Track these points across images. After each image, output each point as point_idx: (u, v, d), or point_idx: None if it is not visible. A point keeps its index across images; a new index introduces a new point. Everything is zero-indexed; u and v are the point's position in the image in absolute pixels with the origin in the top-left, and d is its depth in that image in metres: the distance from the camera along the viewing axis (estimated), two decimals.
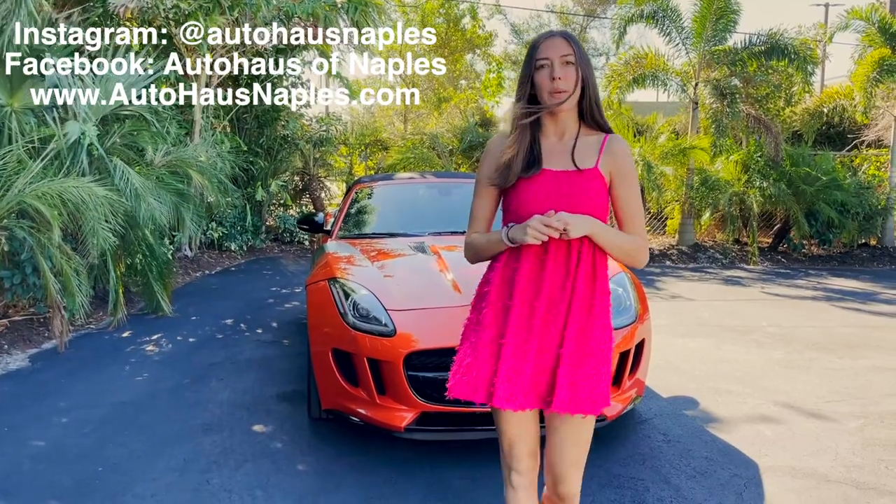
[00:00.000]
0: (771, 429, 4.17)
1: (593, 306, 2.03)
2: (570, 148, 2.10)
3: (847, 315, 7.97)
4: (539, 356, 2.01)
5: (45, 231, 5.51)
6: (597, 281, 2.05)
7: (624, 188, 2.11)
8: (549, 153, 2.10)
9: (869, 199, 13.45)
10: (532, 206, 2.03)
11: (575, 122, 2.13)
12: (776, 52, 13.30)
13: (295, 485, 3.34)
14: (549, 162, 2.09)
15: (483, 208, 2.24)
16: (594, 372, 2.01)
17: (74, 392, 4.68)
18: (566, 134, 2.13)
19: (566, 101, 2.04)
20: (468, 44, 20.94)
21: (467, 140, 14.96)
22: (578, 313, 2.01)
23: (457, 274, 3.86)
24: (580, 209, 2.00)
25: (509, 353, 2.01)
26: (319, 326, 3.85)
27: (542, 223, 1.92)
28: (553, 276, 2.01)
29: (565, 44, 2.05)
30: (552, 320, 2.01)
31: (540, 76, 2.05)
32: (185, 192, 7.16)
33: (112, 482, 3.35)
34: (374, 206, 5.77)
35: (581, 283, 2.01)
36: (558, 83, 2.02)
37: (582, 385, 2.00)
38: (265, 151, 12.52)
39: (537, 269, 2.03)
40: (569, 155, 2.08)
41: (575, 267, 2.01)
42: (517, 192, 2.09)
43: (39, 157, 5.96)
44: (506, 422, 2.14)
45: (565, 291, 2.01)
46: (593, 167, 2.07)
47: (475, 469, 3.51)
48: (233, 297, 8.18)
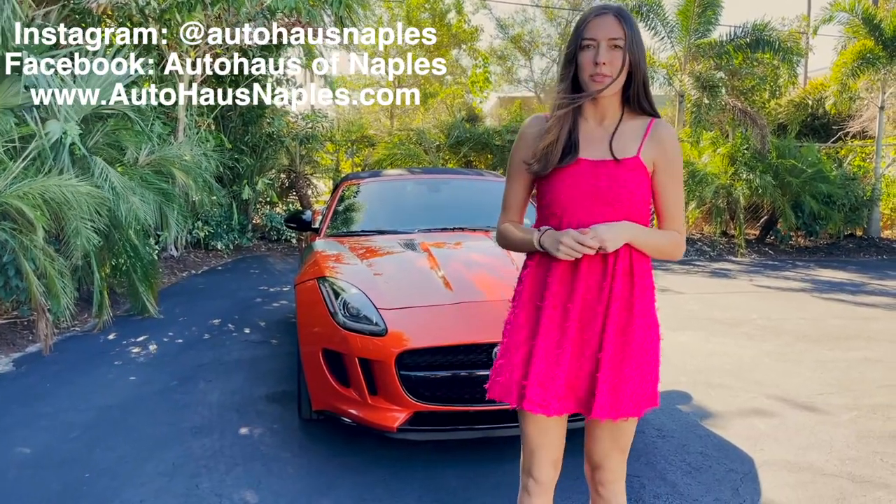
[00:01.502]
0: (765, 422, 4.16)
1: (633, 305, 1.90)
2: (610, 135, 1.94)
3: (836, 306, 8.00)
4: (575, 360, 1.91)
5: (28, 232, 5.41)
6: (636, 277, 1.91)
7: (667, 179, 1.96)
8: (587, 140, 1.95)
9: (855, 190, 13.55)
10: (567, 203, 1.91)
11: (618, 106, 1.97)
12: (761, 44, 13.37)
13: (287, 487, 3.29)
14: (586, 150, 1.93)
15: (516, 196, 2.12)
16: (636, 373, 1.90)
17: (60, 396, 4.60)
18: (607, 118, 1.96)
19: (607, 88, 1.88)
20: (454, 39, 20.87)
21: (454, 135, 14.92)
22: (618, 314, 1.89)
23: (447, 271, 3.82)
24: (618, 204, 1.88)
25: (540, 356, 1.90)
26: (309, 326, 3.80)
27: (577, 240, 1.80)
28: (588, 276, 1.89)
29: (616, 24, 1.86)
30: (589, 323, 1.90)
31: (583, 57, 1.88)
32: (169, 192, 7.07)
33: (100, 488, 3.28)
34: (362, 204, 5.72)
35: (619, 281, 1.89)
36: (601, 68, 1.85)
37: (623, 388, 1.89)
38: (250, 149, 12.42)
39: (571, 270, 1.91)
40: (608, 143, 1.93)
41: (612, 266, 1.89)
42: (551, 183, 1.95)
43: (20, 156, 5.85)
44: (532, 426, 2.02)
45: (603, 292, 1.88)
46: (634, 156, 1.92)
47: (470, 468, 3.48)
48: (220, 297, 8.09)
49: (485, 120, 19.05)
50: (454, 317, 3.46)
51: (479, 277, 3.80)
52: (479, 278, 3.79)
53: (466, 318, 3.43)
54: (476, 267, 4.00)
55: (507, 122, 16.51)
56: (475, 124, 16.15)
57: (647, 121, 1.97)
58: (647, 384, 1.93)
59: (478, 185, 6.15)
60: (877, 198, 14.21)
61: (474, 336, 3.33)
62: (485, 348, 3.31)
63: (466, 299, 3.55)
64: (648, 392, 1.93)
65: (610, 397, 1.88)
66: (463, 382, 3.32)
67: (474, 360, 3.31)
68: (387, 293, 3.65)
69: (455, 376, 3.32)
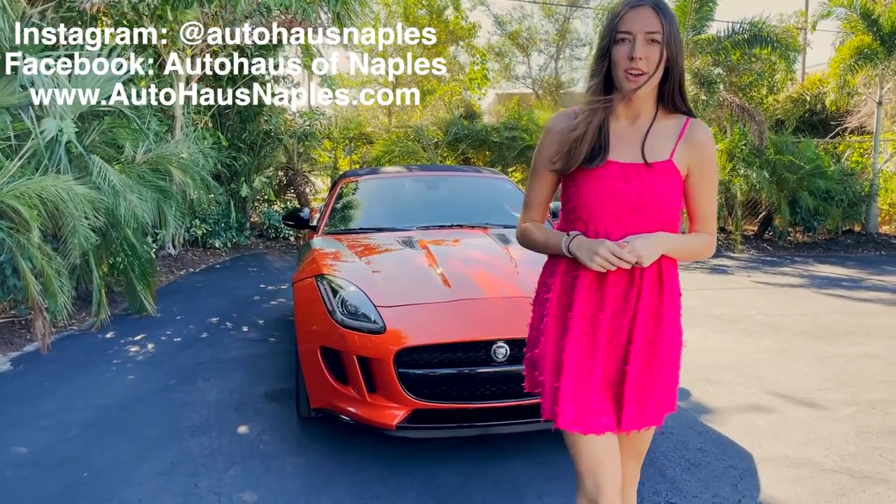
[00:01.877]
0: (763, 418, 4.16)
1: (662, 315, 1.82)
2: (643, 135, 1.83)
3: (834, 302, 8.00)
4: (605, 373, 1.83)
5: (25, 231, 5.39)
6: (664, 286, 1.83)
7: (702, 182, 1.86)
8: (617, 140, 1.83)
9: (853, 185, 13.56)
10: (594, 207, 1.81)
11: (652, 105, 1.85)
12: (759, 40, 13.35)
13: (285, 486, 3.28)
14: (616, 151, 1.82)
15: (539, 194, 2.01)
16: (662, 384, 1.84)
17: (58, 395, 4.59)
18: (640, 118, 1.85)
19: (643, 87, 1.76)
20: (451, 35, 20.83)
21: (452, 132, 14.91)
22: (645, 325, 1.81)
23: (446, 268, 3.81)
24: (648, 211, 1.78)
25: (571, 369, 1.80)
26: (307, 324, 3.79)
27: (613, 254, 1.71)
28: (616, 285, 1.81)
29: (653, 17, 1.74)
30: (616, 333, 1.81)
31: (618, 52, 1.76)
32: (166, 190, 7.05)
33: (98, 487, 3.27)
34: (360, 201, 5.70)
35: (647, 291, 1.80)
36: (637, 63, 1.73)
37: (650, 398, 1.83)
38: (248, 147, 12.40)
39: (599, 278, 1.82)
40: (640, 144, 1.82)
41: (640, 275, 1.80)
42: (577, 185, 1.85)
43: (16, 155, 5.83)
44: (583, 446, 1.84)
45: (629, 301, 1.80)
46: (667, 159, 1.81)
47: (468, 465, 3.47)
48: (218, 295, 8.08)
49: (483, 117, 19.01)
50: (453, 314, 3.45)
51: (477, 274, 3.79)
52: (477, 275, 3.78)
53: (465, 316, 3.43)
54: (474, 264, 3.99)
55: (505, 118, 16.48)
56: (473, 121, 16.13)
57: (681, 120, 1.87)
58: (670, 391, 1.88)
59: (476, 183, 6.15)
60: (875, 193, 14.22)
61: (473, 333, 3.32)
62: (483, 345, 3.30)
63: (465, 296, 3.54)
64: (670, 398, 1.89)
65: (636, 409, 1.83)
66: (462, 380, 3.31)
67: (473, 357, 3.30)
68: (385, 291, 3.64)
69: (454, 374, 3.31)
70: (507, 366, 3.30)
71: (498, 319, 3.41)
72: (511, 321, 3.40)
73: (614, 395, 1.84)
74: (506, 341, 3.29)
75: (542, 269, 2.03)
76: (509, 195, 5.69)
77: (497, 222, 5.05)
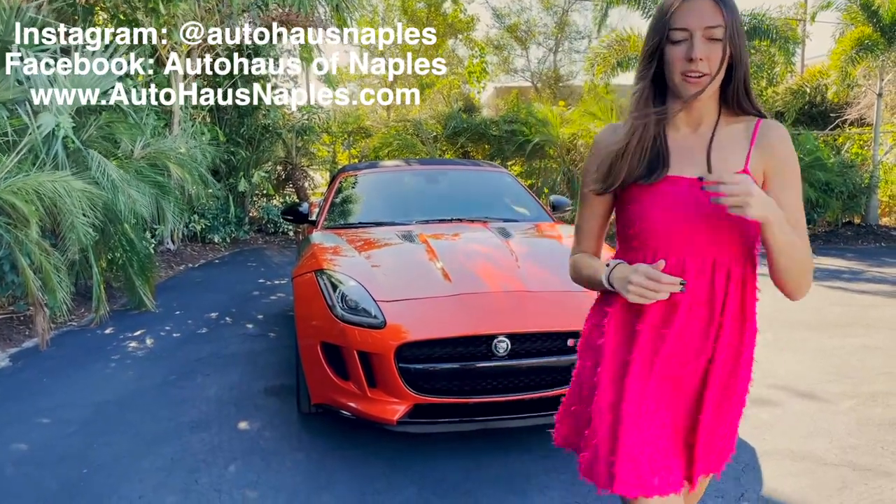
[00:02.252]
0: (766, 411, 4.15)
1: (741, 353, 1.56)
2: (707, 144, 1.56)
3: (834, 294, 7.98)
4: (673, 424, 1.60)
5: (23, 227, 5.37)
6: (746, 321, 1.56)
7: (784, 191, 1.54)
8: (678, 152, 1.57)
9: (853, 177, 13.52)
10: (660, 232, 1.54)
11: (714, 107, 1.58)
12: (758, 32, 13.31)
13: (286, 482, 3.27)
14: (678, 165, 1.56)
15: (589, 219, 1.74)
16: (730, 429, 1.62)
17: (57, 391, 4.58)
18: (703, 124, 1.59)
19: (705, 91, 1.50)
20: (450, 29, 20.76)
21: (451, 126, 14.87)
22: (722, 367, 1.56)
23: (446, 262, 3.79)
24: (727, 234, 1.51)
25: (630, 423, 1.54)
26: (307, 319, 3.77)
27: (649, 277, 1.43)
28: (690, 322, 1.54)
29: (713, 9, 1.47)
30: (687, 380, 1.57)
31: (672, 52, 1.49)
32: (165, 185, 7.03)
33: (98, 484, 3.26)
34: (359, 195, 5.68)
35: (728, 328, 1.53)
36: (697, 66, 1.47)
37: (717, 445, 1.62)
38: (246, 141, 12.36)
39: (666, 314, 1.54)
40: (706, 155, 1.55)
41: (721, 308, 1.53)
42: (636, 204, 1.58)
43: (12, 150, 5.80)
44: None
45: (707, 341, 1.54)
46: (741, 170, 1.53)
47: (469, 460, 3.46)
48: (217, 290, 8.06)
49: (482, 110, 18.98)
50: (453, 308, 3.43)
51: (478, 268, 3.78)
52: (478, 269, 3.76)
53: (466, 310, 3.41)
54: (475, 258, 3.98)
55: (504, 112, 16.45)
56: (472, 115, 16.09)
57: (751, 123, 1.59)
58: (734, 435, 1.67)
59: (475, 176, 6.12)
60: (875, 185, 14.19)
61: (474, 328, 3.31)
62: (484, 340, 3.28)
63: (465, 290, 3.52)
64: (733, 443, 1.68)
65: (704, 459, 1.62)
66: (463, 374, 3.30)
67: (474, 351, 3.29)
68: (385, 285, 3.62)
69: (455, 368, 3.29)
70: (508, 360, 3.28)
71: (499, 313, 3.40)
72: (512, 315, 3.39)
73: (681, 448, 1.61)
74: (507, 335, 3.28)
75: (593, 307, 1.76)
76: (509, 189, 5.67)
77: (497, 216, 5.04)
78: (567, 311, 3.50)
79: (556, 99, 19.45)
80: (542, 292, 3.60)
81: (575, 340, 3.33)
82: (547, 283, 3.68)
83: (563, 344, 3.32)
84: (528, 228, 4.85)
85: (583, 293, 3.60)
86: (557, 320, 3.41)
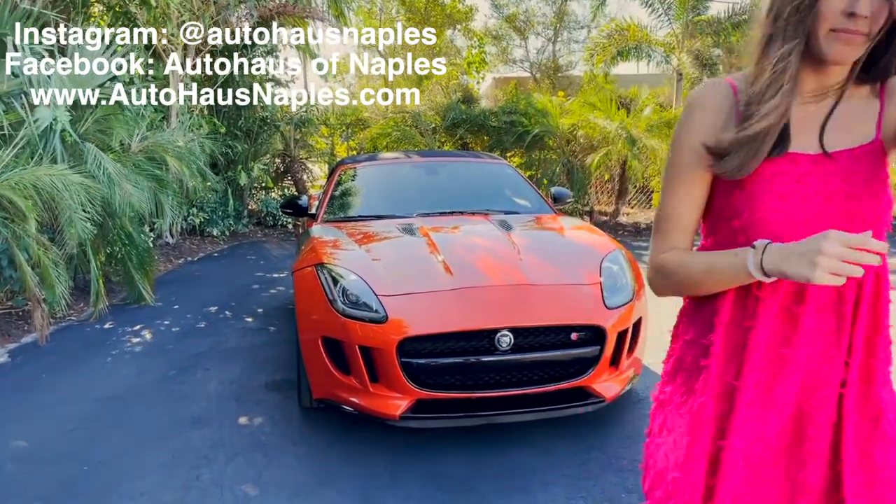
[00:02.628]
0: None
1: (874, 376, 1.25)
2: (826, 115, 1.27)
3: None
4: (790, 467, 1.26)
5: (20, 222, 5.33)
6: (879, 335, 1.25)
7: None
8: (801, 124, 1.26)
9: None
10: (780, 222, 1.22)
11: (846, 76, 1.26)
12: None
13: (288, 477, 3.25)
14: (799, 139, 1.25)
15: (684, 206, 1.33)
16: None
17: (57, 387, 4.55)
18: (828, 94, 1.28)
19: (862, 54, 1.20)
20: (448, 19, 20.65)
21: (450, 117, 14.79)
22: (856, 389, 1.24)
23: (447, 255, 3.76)
24: (862, 217, 1.21)
25: (734, 462, 1.25)
26: (308, 314, 3.74)
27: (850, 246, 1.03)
28: (816, 337, 1.23)
29: None
30: (815, 411, 1.24)
31: (827, 5, 1.16)
32: (163, 178, 6.98)
33: (98, 481, 3.24)
34: (359, 188, 5.64)
35: (859, 343, 1.23)
36: (857, 24, 1.14)
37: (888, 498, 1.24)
38: (244, 134, 12.29)
39: (787, 329, 1.23)
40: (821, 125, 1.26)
41: (851, 320, 1.22)
42: (747, 189, 1.25)
43: (9, 144, 5.75)
44: None
45: (835, 363, 1.23)
46: (873, 139, 1.24)
47: (472, 455, 3.44)
48: (216, 284, 8.03)
49: (481, 101, 18.89)
50: (455, 302, 3.40)
51: (479, 261, 3.75)
52: (479, 262, 3.73)
53: (468, 304, 3.38)
54: (476, 251, 3.94)
55: (504, 103, 16.37)
56: (471, 106, 16.01)
57: (875, 85, 1.29)
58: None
59: (476, 168, 6.08)
60: None
61: (476, 322, 3.28)
62: (487, 334, 3.26)
63: (467, 284, 3.49)
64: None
65: None
66: (466, 369, 3.27)
67: (477, 346, 3.26)
68: (386, 279, 3.59)
69: (457, 363, 3.27)
70: (511, 354, 3.26)
71: (501, 307, 3.37)
72: (515, 309, 3.37)
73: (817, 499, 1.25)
74: (510, 329, 3.25)
75: (679, 321, 1.43)
76: (509, 180, 5.64)
77: (498, 208, 5.00)
78: (571, 303, 3.47)
79: (555, 89, 19.37)
80: (545, 285, 3.57)
81: (579, 334, 3.32)
82: (550, 276, 3.65)
83: (566, 337, 3.29)
84: (530, 220, 4.81)
85: (587, 286, 3.61)
86: (561, 313, 3.38)
